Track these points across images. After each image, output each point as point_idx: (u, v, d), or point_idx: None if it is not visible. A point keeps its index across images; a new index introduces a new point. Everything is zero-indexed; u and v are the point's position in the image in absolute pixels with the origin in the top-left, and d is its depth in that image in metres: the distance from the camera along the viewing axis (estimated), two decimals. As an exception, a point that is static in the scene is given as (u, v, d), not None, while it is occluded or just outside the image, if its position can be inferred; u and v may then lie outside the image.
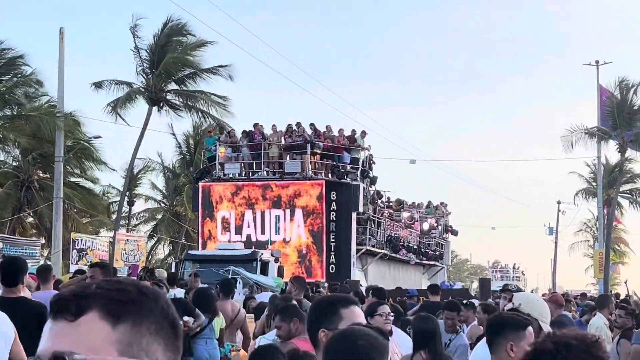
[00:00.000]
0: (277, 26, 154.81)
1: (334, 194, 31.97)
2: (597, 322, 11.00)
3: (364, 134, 33.36)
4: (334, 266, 31.72)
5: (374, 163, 35.05)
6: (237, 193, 32.99)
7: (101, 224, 45.41)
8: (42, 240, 36.07)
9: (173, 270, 25.46)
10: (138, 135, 34.42)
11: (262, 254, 25.08)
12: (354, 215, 32.44)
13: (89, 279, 7.21)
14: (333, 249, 31.95)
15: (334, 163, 32.35)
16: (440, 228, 46.94)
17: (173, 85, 35.25)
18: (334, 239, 31.95)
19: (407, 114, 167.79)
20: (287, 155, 32.87)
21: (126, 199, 46.61)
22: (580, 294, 29.68)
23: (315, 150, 32.19)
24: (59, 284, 11.12)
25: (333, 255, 31.90)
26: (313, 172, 32.23)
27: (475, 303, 12.23)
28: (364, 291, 16.51)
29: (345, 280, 25.26)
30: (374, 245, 35.19)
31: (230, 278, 15.74)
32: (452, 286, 38.52)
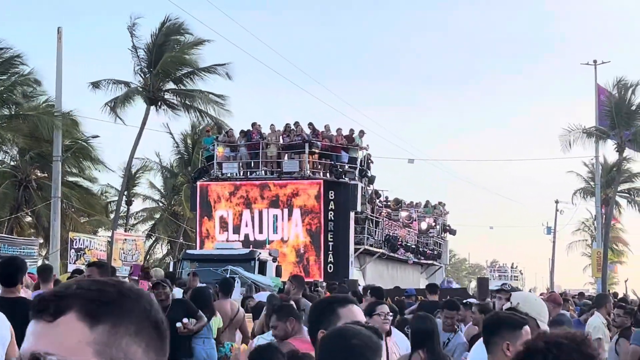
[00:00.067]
0: (275, 25, 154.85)
1: (332, 193, 31.96)
2: (595, 322, 10.99)
3: (362, 133, 33.37)
4: (332, 265, 31.71)
5: (372, 162, 35.06)
6: (235, 192, 32.97)
7: (99, 223, 45.39)
8: (40, 239, 36.03)
9: (171, 270, 25.47)
10: (136, 135, 34.39)
11: (260, 254, 25.07)
12: (352, 214, 32.44)
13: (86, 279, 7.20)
14: (331, 249, 31.94)
15: (332, 162, 32.34)
16: (438, 227, 46.94)
17: (171, 85, 35.17)
18: (332, 239, 31.95)
19: (406, 113, 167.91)
20: (285, 154, 32.86)
21: (124, 198, 46.58)
22: (578, 294, 29.71)
23: (313, 150, 32.18)
24: (58, 284, 11.12)
25: (331, 255, 31.89)
26: (311, 172, 32.23)
27: (473, 302, 12.23)
28: (361, 291, 16.50)
29: (343, 280, 25.26)
30: (372, 245, 35.18)
31: (230, 277, 15.74)
32: (450, 285, 38.52)
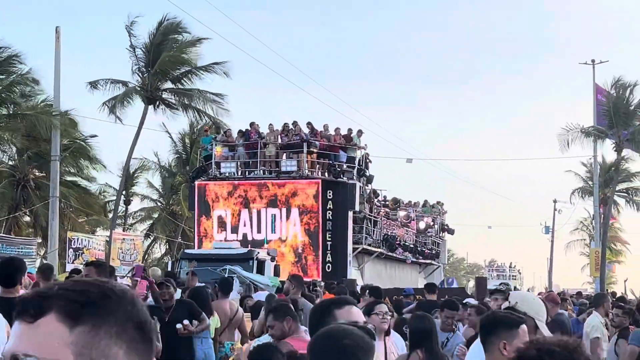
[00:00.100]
0: (274, 25, 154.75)
1: (330, 192, 31.97)
2: (594, 321, 10.99)
3: (360, 133, 33.39)
4: (330, 265, 31.71)
5: (370, 162, 35.07)
6: (233, 192, 32.97)
7: (97, 223, 45.38)
8: (39, 239, 36.02)
9: (169, 269, 25.48)
10: (134, 135, 34.39)
11: (259, 253, 25.08)
12: (350, 214, 32.44)
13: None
14: (329, 248, 31.94)
15: (330, 162, 32.34)
16: (436, 227, 46.94)
17: (169, 84, 35.19)
18: (330, 238, 31.95)
19: (404, 113, 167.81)
20: (284, 154, 32.85)
21: (122, 198, 46.57)
22: (575, 293, 29.78)
23: (311, 149, 32.18)
24: (56, 283, 11.12)
25: (329, 254, 31.88)
26: (309, 171, 32.24)
27: (472, 302, 12.24)
28: (359, 290, 16.51)
29: (341, 279, 25.28)
30: (370, 244, 35.18)
31: (229, 277, 15.74)
32: (451, 284, 38.53)
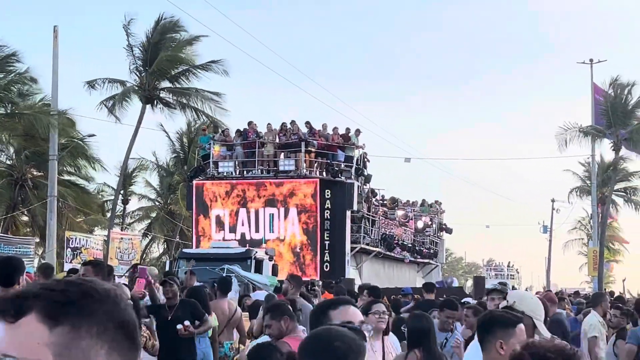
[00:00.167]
0: (270, 23, 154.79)
1: (328, 192, 31.97)
2: (592, 320, 11.00)
3: (358, 132, 33.39)
4: (329, 264, 31.71)
5: (368, 161, 35.09)
6: (231, 191, 32.96)
7: (95, 222, 45.32)
8: (36, 239, 35.98)
9: (167, 269, 25.46)
10: (132, 134, 34.36)
11: (257, 252, 25.08)
12: (348, 213, 32.44)
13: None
14: (327, 247, 31.94)
15: (328, 161, 32.34)
16: (434, 226, 46.98)
17: (166, 83, 35.16)
18: (328, 237, 31.95)
19: (403, 112, 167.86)
20: (282, 153, 32.85)
21: (120, 197, 46.54)
22: (573, 292, 29.80)
23: (309, 149, 32.18)
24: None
25: (327, 254, 31.88)
26: (307, 171, 32.23)
27: (470, 302, 12.24)
28: (357, 290, 16.50)
29: (339, 279, 25.28)
30: (368, 244, 35.18)
31: (229, 277, 15.73)
32: (451, 284, 38.51)
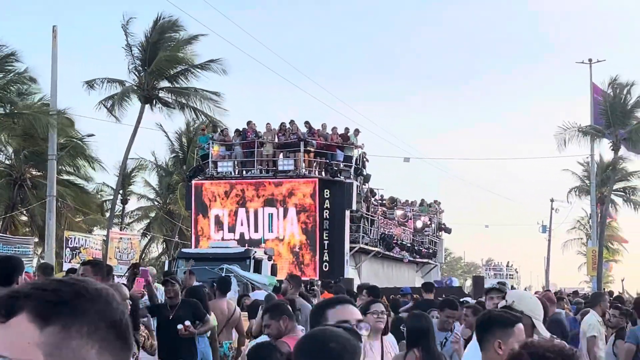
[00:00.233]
0: (269, 23, 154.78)
1: (327, 191, 31.96)
2: (590, 320, 11.03)
3: (357, 132, 33.38)
4: (328, 264, 31.71)
5: (367, 161, 35.09)
6: (230, 191, 32.95)
7: (94, 222, 45.32)
8: (35, 238, 35.96)
9: (167, 269, 25.45)
10: (131, 133, 34.34)
11: (256, 252, 25.06)
12: (347, 213, 32.43)
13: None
14: (326, 247, 31.93)
15: (327, 161, 32.34)
16: (433, 226, 46.97)
17: (165, 83, 35.14)
18: (327, 237, 31.94)
19: (401, 111, 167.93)
20: (281, 153, 32.84)
21: (119, 197, 46.53)
22: (572, 292, 29.82)
23: (308, 149, 32.18)
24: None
25: (326, 253, 31.87)
26: (306, 170, 32.23)
27: (469, 301, 12.24)
28: (356, 289, 16.51)
29: (338, 278, 25.28)
30: (367, 243, 35.17)
31: (228, 277, 15.74)
32: (450, 284, 38.52)
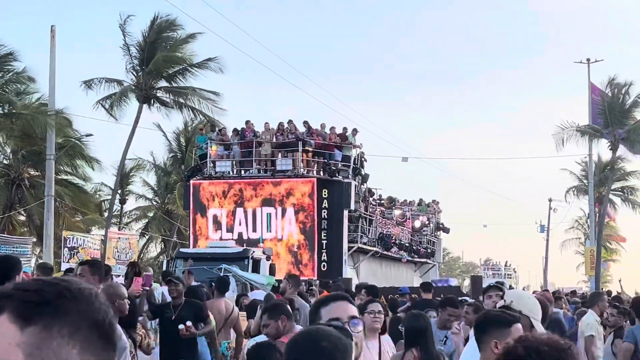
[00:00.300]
0: (267, 22, 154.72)
1: (325, 191, 31.95)
2: (589, 319, 11.06)
3: (355, 131, 33.37)
4: (326, 264, 31.70)
5: (365, 161, 35.07)
6: (229, 191, 32.94)
7: (93, 222, 45.31)
8: (33, 238, 35.94)
9: (165, 268, 25.44)
10: (129, 133, 34.32)
11: (254, 252, 25.04)
12: (345, 212, 32.42)
13: (78, 277, 7.19)
14: (325, 247, 31.92)
15: (326, 161, 32.32)
16: (431, 226, 46.97)
17: (163, 82, 35.13)
18: (325, 237, 31.93)
19: (399, 111, 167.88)
20: (279, 152, 32.83)
21: (118, 196, 46.51)
22: (570, 292, 29.87)
23: (306, 148, 32.17)
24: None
25: (325, 253, 31.86)
26: (305, 170, 32.22)
27: (468, 300, 12.26)
28: (354, 289, 16.50)
29: (336, 278, 25.25)
30: (365, 243, 35.16)
31: (226, 276, 15.75)
32: (447, 283, 38.55)
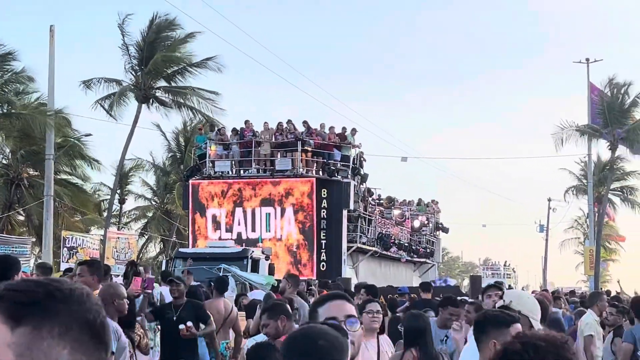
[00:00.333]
0: (266, 22, 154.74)
1: (324, 191, 31.95)
2: (588, 319, 11.07)
3: (354, 131, 33.37)
4: (325, 264, 31.70)
5: (364, 160, 35.06)
6: (228, 191, 32.93)
7: (92, 221, 45.30)
8: (32, 238, 35.93)
9: (164, 268, 25.42)
10: (128, 133, 34.30)
11: (253, 252, 25.03)
12: (344, 212, 32.42)
13: (77, 277, 7.19)
14: (324, 247, 31.92)
15: (325, 160, 32.32)
16: (431, 225, 46.96)
17: (162, 82, 35.10)
18: (324, 237, 31.92)
19: (398, 111, 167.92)
20: (278, 152, 32.82)
21: (117, 196, 46.49)
22: (568, 292, 29.85)
23: (306, 148, 32.16)
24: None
25: (324, 253, 31.86)
26: (304, 170, 32.21)
27: (467, 300, 12.28)
28: (353, 289, 16.51)
29: (336, 278, 25.25)
30: (364, 243, 35.15)
31: (225, 276, 15.75)
32: (443, 283, 38.51)
